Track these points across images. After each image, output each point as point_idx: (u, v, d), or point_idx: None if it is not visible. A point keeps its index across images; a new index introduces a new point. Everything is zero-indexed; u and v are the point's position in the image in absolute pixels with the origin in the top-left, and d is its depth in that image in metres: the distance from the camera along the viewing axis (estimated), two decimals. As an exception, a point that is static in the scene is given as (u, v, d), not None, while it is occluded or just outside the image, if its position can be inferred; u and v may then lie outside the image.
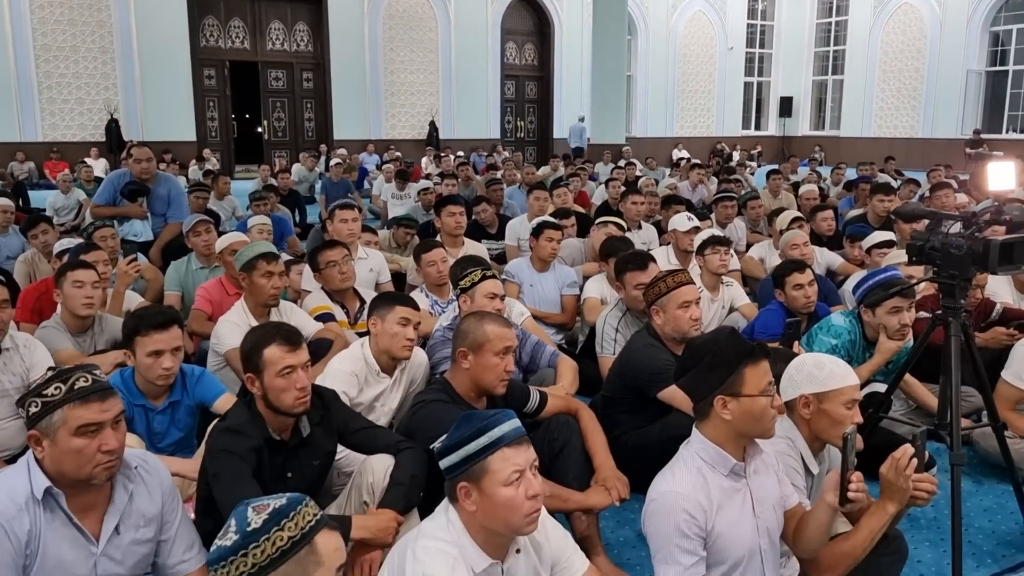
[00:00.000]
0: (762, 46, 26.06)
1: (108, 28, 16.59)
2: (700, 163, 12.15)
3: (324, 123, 19.35)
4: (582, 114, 19.06)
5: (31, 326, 3.77)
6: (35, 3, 15.87)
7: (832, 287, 4.88)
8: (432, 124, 20.02)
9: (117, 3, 16.51)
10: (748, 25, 25.41)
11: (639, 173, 11.74)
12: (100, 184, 7.03)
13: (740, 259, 5.80)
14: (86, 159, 14.80)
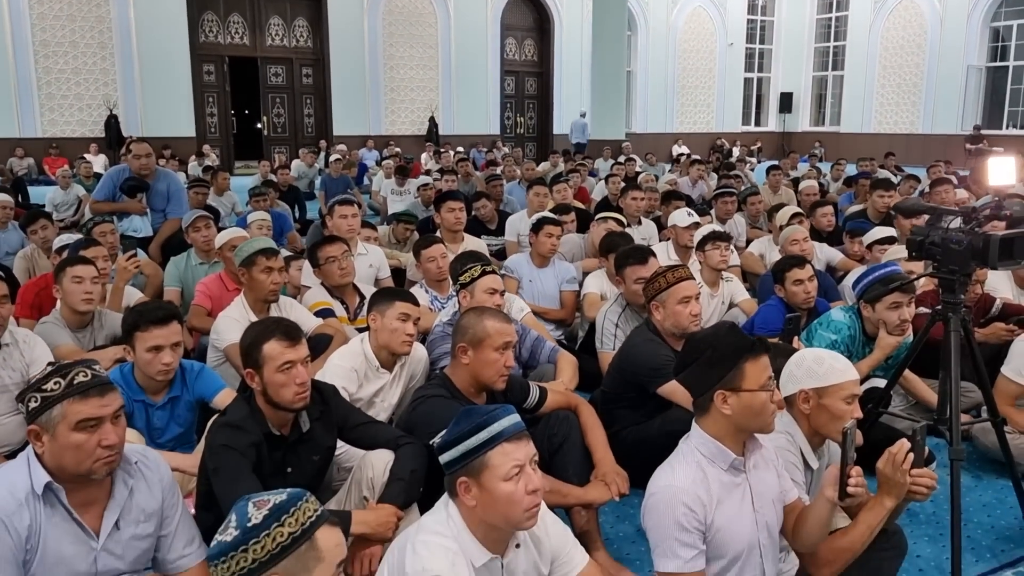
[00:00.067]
0: (762, 42, 26.01)
1: (107, 24, 16.54)
2: (700, 159, 12.12)
3: (324, 119, 19.32)
4: (584, 110, 19.02)
5: (30, 322, 3.77)
6: (34, -2, 15.88)
7: (832, 283, 4.88)
8: (432, 120, 19.99)
9: (116, -2, 16.51)
10: (748, 21, 25.34)
11: (639, 169, 11.74)
12: (99, 180, 7.03)
13: (740, 255, 5.80)
14: (85, 155, 14.81)
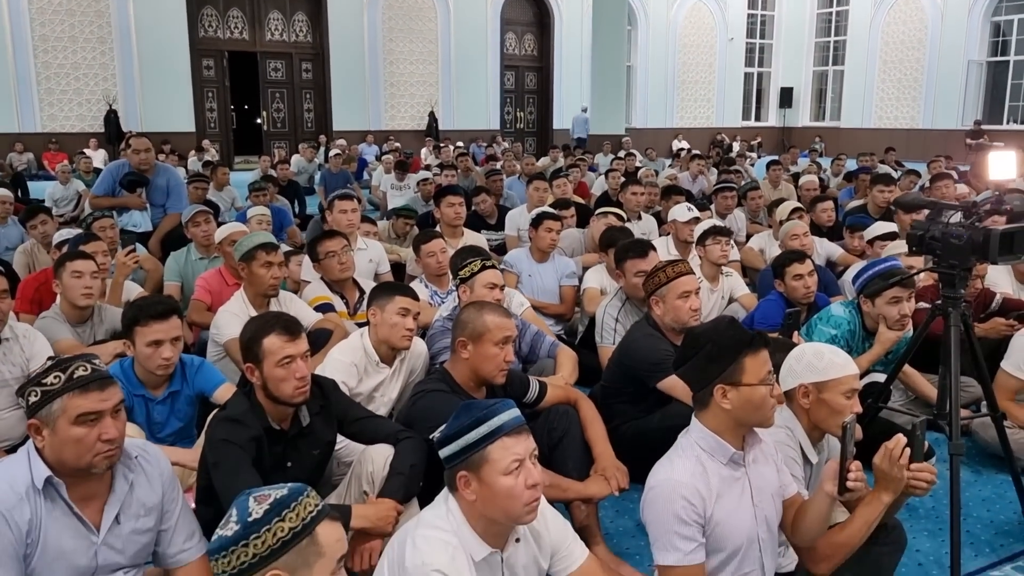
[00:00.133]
0: (762, 36, 25.96)
1: (106, 18, 16.52)
2: (700, 154, 12.13)
3: (323, 114, 19.31)
4: (585, 104, 18.98)
5: (30, 316, 3.77)
6: (33, -7, 15.84)
7: (832, 277, 4.88)
8: (431, 115, 19.96)
9: (115, -7, 16.47)
10: (748, 15, 25.30)
11: (639, 164, 11.71)
12: (99, 175, 7.01)
13: (740, 250, 5.80)
14: (85, 150, 14.81)
